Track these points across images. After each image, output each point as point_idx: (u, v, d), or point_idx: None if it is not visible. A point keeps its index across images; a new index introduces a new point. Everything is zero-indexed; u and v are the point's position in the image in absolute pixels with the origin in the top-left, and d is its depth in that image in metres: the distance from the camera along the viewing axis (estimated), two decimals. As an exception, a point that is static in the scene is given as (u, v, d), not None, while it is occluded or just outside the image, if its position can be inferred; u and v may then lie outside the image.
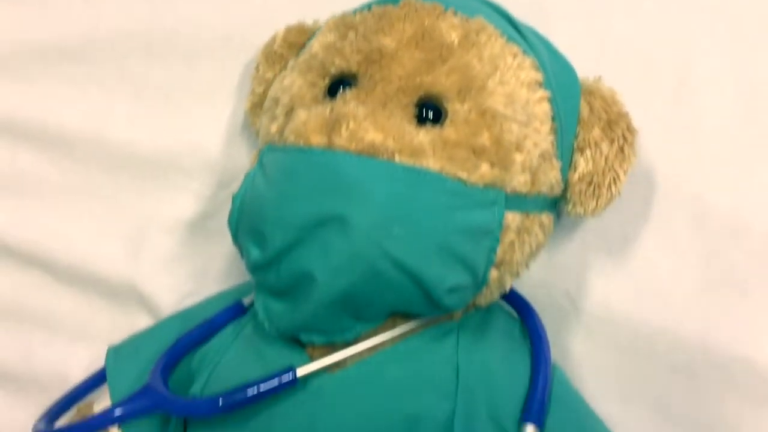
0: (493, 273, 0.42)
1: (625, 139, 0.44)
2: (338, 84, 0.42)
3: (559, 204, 0.46)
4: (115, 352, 0.51)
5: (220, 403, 0.40)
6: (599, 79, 0.46)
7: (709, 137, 0.50)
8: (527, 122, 0.41)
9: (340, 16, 0.46)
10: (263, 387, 0.40)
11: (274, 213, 0.39)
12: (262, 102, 0.49)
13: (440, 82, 0.40)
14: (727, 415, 0.48)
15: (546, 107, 0.42)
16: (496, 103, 0.40)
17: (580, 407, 0.45)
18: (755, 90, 0.50)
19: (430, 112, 0.40)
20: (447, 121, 0.40)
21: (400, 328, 0.42)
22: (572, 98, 0.45)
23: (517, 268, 0.44)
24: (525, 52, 0.43)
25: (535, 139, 0.42)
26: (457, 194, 0.39)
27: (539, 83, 0.43)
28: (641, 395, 0.50)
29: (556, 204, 0.46)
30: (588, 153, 0.44)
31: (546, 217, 0.44)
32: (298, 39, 0.49)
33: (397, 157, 0.38)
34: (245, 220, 0.41)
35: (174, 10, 0.56)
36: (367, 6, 0.45)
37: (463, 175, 0.39)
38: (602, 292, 0.50)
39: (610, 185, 0.44)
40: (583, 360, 0.51)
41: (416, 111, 0.40)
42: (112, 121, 0.57)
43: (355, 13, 0.45)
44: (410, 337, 0.42)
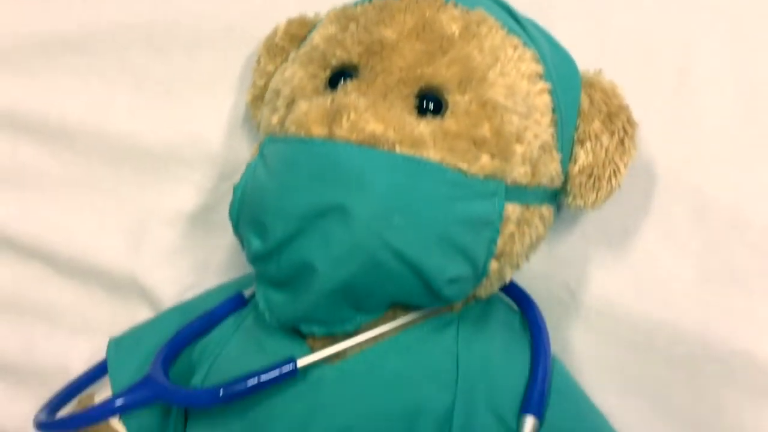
0: (494, 264, 0.42)
1: (625, 131, 0.44)
2: (339, 75, 0.42)
3: (560, 196, 0.46)
4: (116, 344, 0.51)
5: (221, 394, 0.40)
6: (600, 71, 0.46)
7: (710, 131, 0.50)
8: (528, 114, 0.41)
9: (341, 8, 0.46)
10: (264, 377, 0.40)
11: (274, 203, 0.39)
12: (263, 94, 0.49)
13: (441, 73, 0.40)
14: (727, 407, 0.48)
15: (546, 99, 0.42)
16: (497, 95, 0.40)
17: (579, 399, 0.45)
18: (755, 84, 0.50)
19: (431, 104, 0.40)
20: (447, 112, 0.40)
21: (401, 320, 0.42)
22: (573, 90, 0.45)
23: (517, 260, 0.44)
24: (525, 44, 0.43)
25: (535, 130, 0.42)
26: (458, 185, 0.39)
27: (540, 75, 0.43)
28: (641, 388, 0.50)
29: (556, 196, 0.46)
30: (588, 145, 0.44)
31: (546, 209, 0.44)
32: (299, 31, 0.49)
33: (397, 148, 0.38)
34: (246, 210, 0.41)
35: (175, 1, 0.56)
36: (368, -3, 0.45)
37: (463, 166, 0.39)
38: (602, 284, 0.51)
39: (610, 178, 0.44)
40: (582, 352, 0.51)
41: (417, 102, 0.40)
42: (113, 113, 0.57)
43: (356, 5, 0.45)
44: (410, 329, 0.42)
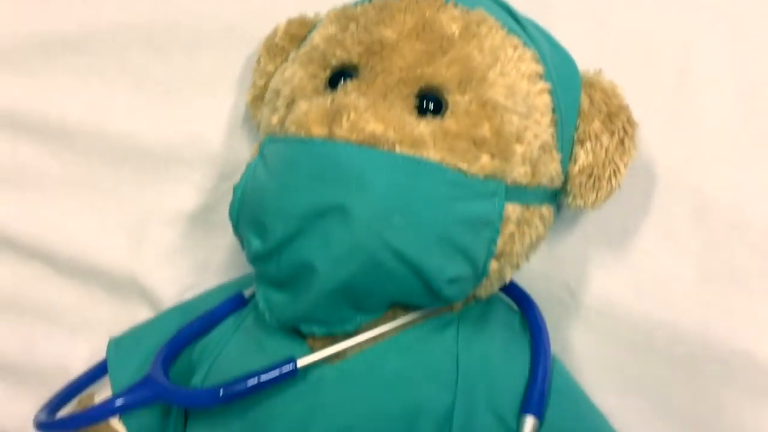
0: (494, 264, 0.42)
1: (625, 131, 0.44)
2: (339, 75, 0.42)
3: (560, 196, 0.46)
4: (116, 344, 0.51)
5: (221, 394, 0.40)
6: (599, 71, 0.46)
7: (710, 131, 0.50)
8: (528, 114, 0.41)
9: (341, 8, 0.46)
10: (264, 377, 0.40)
11: (274, 203, 0.39)
12: (263, 94, 0.49)
13: (441, 73, 0.40)
14: (727, 407, 0.48)
15: (546, 99, 0.42)
16: (497, 95, 0.40)
17: (579, 399, 0.45)
18: (755, 84, 0.50)
19: (431, 104, 0.40)
20: (447, 112, 0.40)
21: (401, 320, 0.42)
22: (572, 90, 0.45)
23: (517, 260, 0.44)
24: (525, 44, 0.43)
25: (535, 130, 0.42)
26: (458, 185, 0.39)
27: (540, 75, 0.42)
28: (640, 388, 0.50)
29: (556, 196, 0.46)
30: (588, 145, 0.44)
31: (546, 209, 0.44)
32: (299, 31, 0.49)
33: (397, 148, 0.38)
34: (246, 210, 0.41)
35: (175, 1, 0.56)
36: (368, -3, 0.45)
37: (463, 166, 0.39)
38: (602, 284, 0.51)
39: (610, 178, 0.44)
40: (582, 352, 0.51)
41: (417, 102, 0.40)
42: (113, 113, 0.57)
43: (356, 5, 0.45)
44: (410, 329, 0.42)
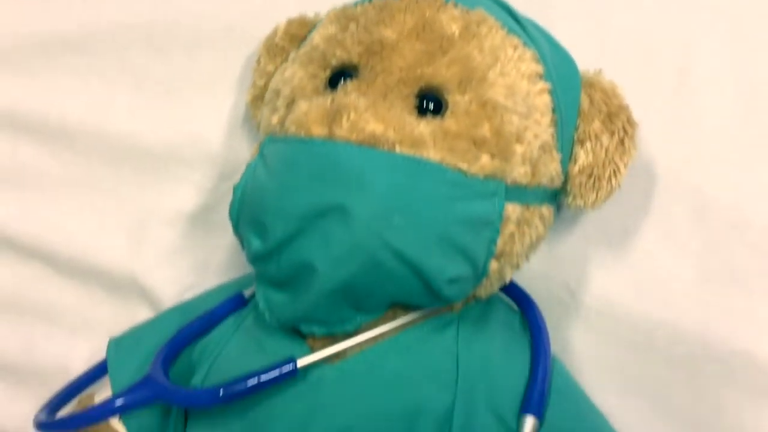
0: (494, 264, 0.42)
1: (625, 131, 0.44)
2: (339, 75, 0.42)
3: (560, 196, 0.46)
4: (116, 344, 0.51)
5: (221, 394, 0.40)
6: (599, 71, 0.46)
7: (710, 131, 0.50)
8: (528, 114, 0.41)
9: (341, 8, 0.46)
10: (264, 377, 0.40)
11: (274, 203, 0.39)
12: (263, 94, 0.49)
13: (441, 73, 0.40)
14: (727, 407, 0.48)
15: (546, 99, 0.42)
16: (497, 95, 0.40)
17: (579, 399, 0.45)
18: (755, 84, 0.50)
19: (431, 104, 0.40)
20: (447, 112, 0.40)
21: (401, 320, 0.42)
22: (573, 90, 0.45)
23: (517, 260, 0.44)
24: (525, 44, 0.43)
25: (535, 130, 0.42)
26: (458, 185, 0.39)
27: (540, 75, 0.43)
28: (641, 388, 0.50)
29: (556, 196, 0.46)
30: (588, 145, 0.44)
31: (546, 209, 0.44)
32: (299, 31, 0.49)
33: (397, 148, 0.38)
34: (246, 210, 0.41)
35: (175, 1, 0.56)
36: (368, -3, 0.45)
37: (463, 166, 0.39)
38: (602, 284, 0.51)
39: (610, 178, 0.44)
40: (582, 352, 0.51)
41: (417, 102, 0.40)
42: (113, 113, 0.57)
43: (356, 5, 0.45)
44: (410, 329, 0.42)
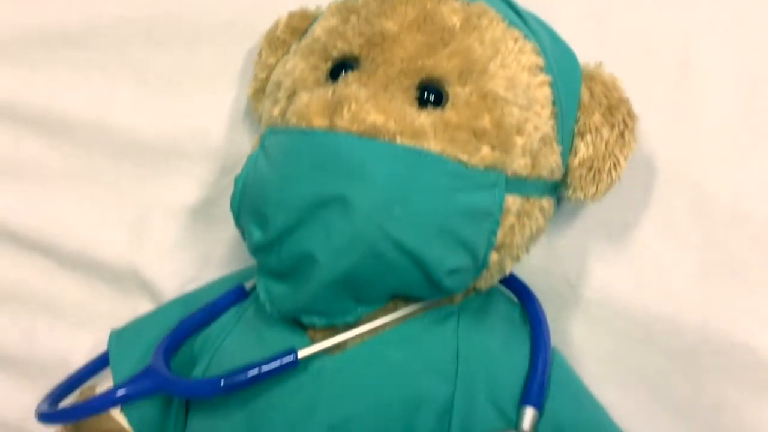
0: (494, 256, 0.42)
1: (625, 124, 0.45)
2: (340, 67, 0.42)
3: (560, 189, 0.46)
4: (117, 336, 0.51)
5: (222, 384, 0.40)
6: (600, 64, 0.46)
7: (710, 124, 0.50)
8: (528, 106, 0.41)
9: (342, 0, 0.46)
10: (265, 368, 0.40)
11: (276, 194, 0.39)
12: (264, 87, 0.49)
13: (441, 65, 0.41)
14: (727, 401, 0.48)
15: (547, 92, 0.42)
16: (497, 87, 0.41)
17: (579, 391, 0.45)
18: (756, 77, 0.50)
19: (432, 95, 0.41)
20: (448, 104, 0.40)
21: (401, 311, 0.42)
22: (573, 83, 0.45)
23: (517, 252, 0.44)
24: (526, 37, 0.43)
25: (535, 122, 0.42)
26: (458, 176, 0.39)
27: (540, 68, 0.43)
28: (640, 381, 0.50)
29: (556, 189, 0.46)
30: (588, 138, 0.44)
31: (546, 202, 0.44)
32: (300, 24, 0.49)
33: (398, 139, 0.39)
34: (247, 202, 0.41)
35: (176, -5, 0.57)
36: (369, -10, 0.45)
37: (463, 157, 0.39)
38: (602, 277, 0.51)
39: (610, 170, 0.44)
40: (582, 345, 0.51)
41: (417, 94, 0.41)
42: (114, 106, 0.57)
43: (357, -3, 0.45)
44: (411, 320, 0.42)
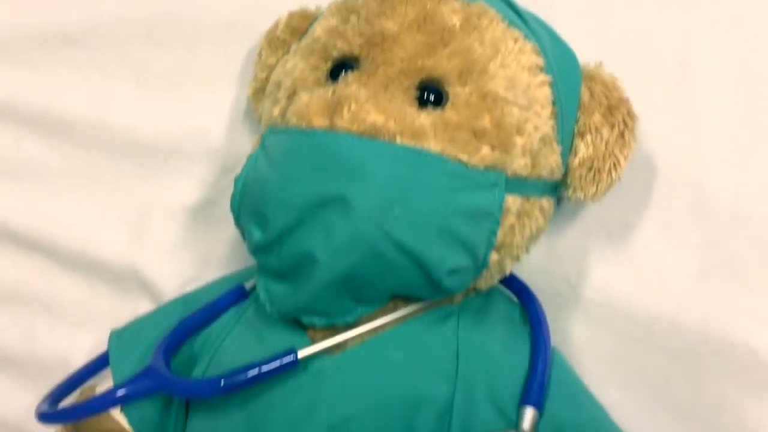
0: (494, 256, 0.42)
1: (625, 124, 0.45)
2: (340, 67, 0.42)
3: (560, 189, 0.46)
4: (117, 336, 0.51)
5: (222, 384, 0.40)
6: (600, 64, 0.46)
7: (710, 124, 0.50)
8: (528, 106, 0.41)
9: (342, 0, 0.46)
10: (265, 368, 0.40)
11: (276, 194, 0.39)
12: (264, 87, 0.49)
13: (441, 65, 0.41)
14: (727, 401, 0.48)
15: (547, 92, 0.42)
16: (497, 87, 0.41)
17: (579, 391, 0.45)
18: (756, 76, 0.50)
19: (432, 95, 0.41)
20: (448, 103, 0.40)
21: (401, 311, 0.42)
22: (573, 83, 0.45)
23: (517, 252, 0.44)
24: (526, 37, 0.43)
25: (535, 122, 0.42)
26: (458, 176, 0.39)
27: (540, 68, 0.43)
28: (640, 381, 0.50)
29: (556, 189, 0.46)
30: (588, 138, 0.44)
31: (546, 202, 0.44)
32: (300, 24, 0.49)
33: (398, 139, 0.39)
34: (247, 201, 0.41)
35: (176, -5, 0.57)
36: (369, -10, 0.45)
37: (464, 157, 0.39)
38: (602, 278, 0.51)
39: (610, 170, 0.44)
40: (582, 345, 0.51)
41: (417, 94, 0.41)
42: (114, 106, 0.57)
43: (357, -3, 0.45)
44: (411, 320, 0.42)
